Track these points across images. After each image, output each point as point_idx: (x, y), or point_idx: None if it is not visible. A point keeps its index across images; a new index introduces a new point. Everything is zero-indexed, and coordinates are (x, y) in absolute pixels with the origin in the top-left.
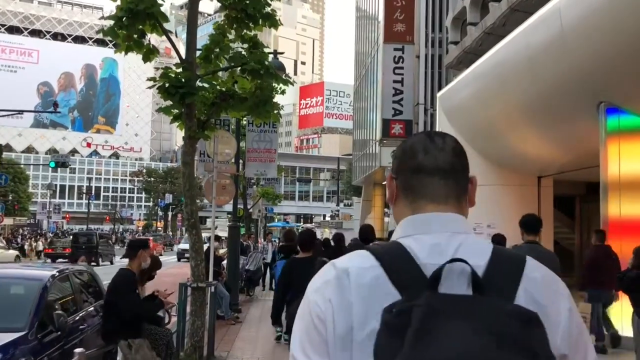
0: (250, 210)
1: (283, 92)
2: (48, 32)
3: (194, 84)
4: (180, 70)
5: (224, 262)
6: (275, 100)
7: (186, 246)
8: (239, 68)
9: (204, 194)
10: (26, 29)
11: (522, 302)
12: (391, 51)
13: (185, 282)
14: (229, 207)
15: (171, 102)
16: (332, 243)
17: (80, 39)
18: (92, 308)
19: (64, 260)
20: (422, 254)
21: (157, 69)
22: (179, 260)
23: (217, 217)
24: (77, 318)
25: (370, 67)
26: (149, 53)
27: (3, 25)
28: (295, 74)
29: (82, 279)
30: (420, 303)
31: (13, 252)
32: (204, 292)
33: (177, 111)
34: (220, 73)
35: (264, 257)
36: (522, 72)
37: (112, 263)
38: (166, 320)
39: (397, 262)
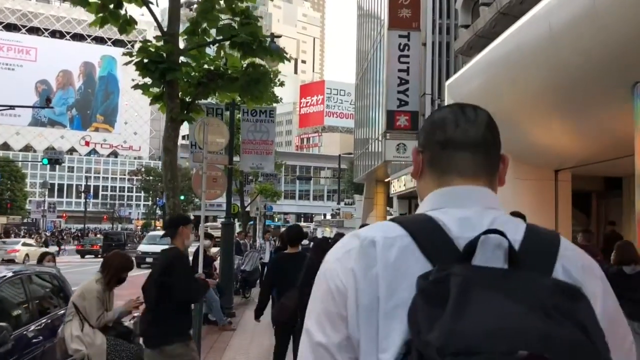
0: (248, 209)
1: (282, 84)
2: (46, 30)
3: (177, 59)
4: (160, 44)
5: (217, 263)
6: (273, 88)
7: (149, 248)
8: (228, 42)
9: (193, 188)
10: (24, 26)
11: (560, 277)
12: (396, 38)
13: None
14: (223, 204)
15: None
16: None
17: (78, 37)
18: (56, 317)
19: (93, 256)
20: (453, 226)
21: None
22: (138, 266)
23: (215, 217)
24: (33, 329)
25: (372, 60)
26: (126, 24)
27: (1, 23)
28: (296, 72)
29: (46, 282)
30: (458, 273)
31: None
32: None
33: (157, 89)
34: (207, 50)
35: (261, 257)
36: (543, 54)
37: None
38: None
39: (426, 232)
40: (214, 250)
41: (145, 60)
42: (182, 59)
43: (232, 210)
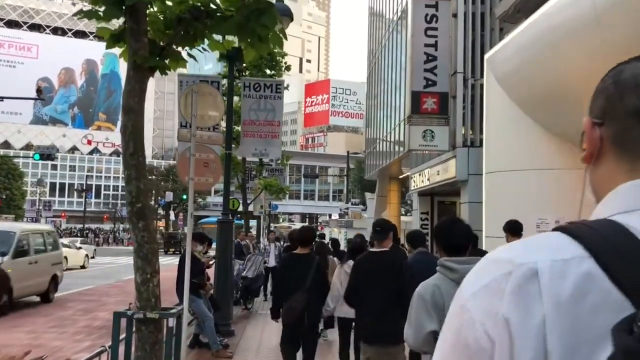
0: (251, 207)
1: (287, 88)
2: (48, 27)
3: None
4: None
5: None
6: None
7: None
8: None
9: (178, 174)
10: (25, 23)
11: None
12: (422, 8)
13: (126, 309)
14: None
15: (104, 9)
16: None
17: (80, 34)
18: None
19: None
20: None
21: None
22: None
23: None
24: None
25: (388, 44)
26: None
27: (2, 19)
28: (301, 71)
29: None
30: None
31: (84, 252)
32: (157, 328)
33: (116, 25)
34: None
35: (265, 261)
36: (609, 15)
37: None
38: None
39: (619, 251)
40: (209, 254)
41: None
42: None
43: (232, 206)
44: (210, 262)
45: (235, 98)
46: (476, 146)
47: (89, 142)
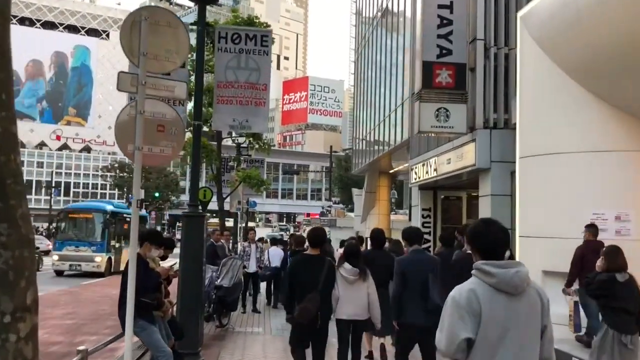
0: (227, 202)
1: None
2: (15, 17)
3: None
4: None
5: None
6: None
7: None
8: None
9: (117, 142)
10: None
11: None
12: None
13: None
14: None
15: None
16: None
17: (49, 25)
18: None
19: None
20: None
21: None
22: None
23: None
24: None
25: (376, 29)
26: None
27: None
28: (279, 68)
29: None
30: None
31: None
32: None
33: None
34: None
35: (244, 266)
36: None
37: None
38: None
39: None
40: (168, 264)
41: None
42: None
43: (204, 197)
44: (172, 272)
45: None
46: (500, 128)
47: (58, 138)
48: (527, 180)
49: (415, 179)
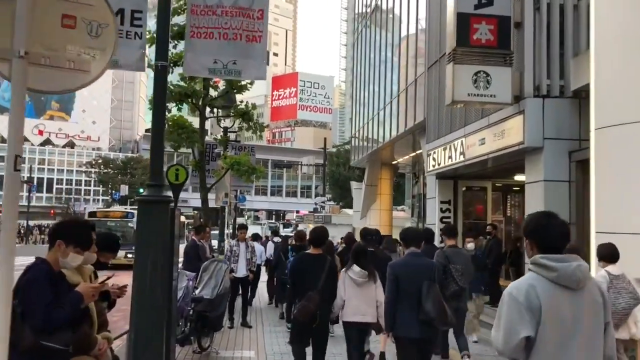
0: (212, 196)
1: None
2: None
3: None
4: None
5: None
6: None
7: None
8: None
9: None
10: None
11: None
12: None
13: None
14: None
15: None
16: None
17: None
18: None
19: None
20: None
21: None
22: None
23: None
24: None
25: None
26: None
27: None
28: (268, 64)
29: None
30: None
31: None
32: None
33: None
34: None
35: (232, 269)
36: None
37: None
38: None
39: None
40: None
41: None
42: None
43: (175, 179)
44: (115, 290)
45: None
46: (554, 96)
47: (40, 133)
48: (606, 158)
49: (434, 165)
